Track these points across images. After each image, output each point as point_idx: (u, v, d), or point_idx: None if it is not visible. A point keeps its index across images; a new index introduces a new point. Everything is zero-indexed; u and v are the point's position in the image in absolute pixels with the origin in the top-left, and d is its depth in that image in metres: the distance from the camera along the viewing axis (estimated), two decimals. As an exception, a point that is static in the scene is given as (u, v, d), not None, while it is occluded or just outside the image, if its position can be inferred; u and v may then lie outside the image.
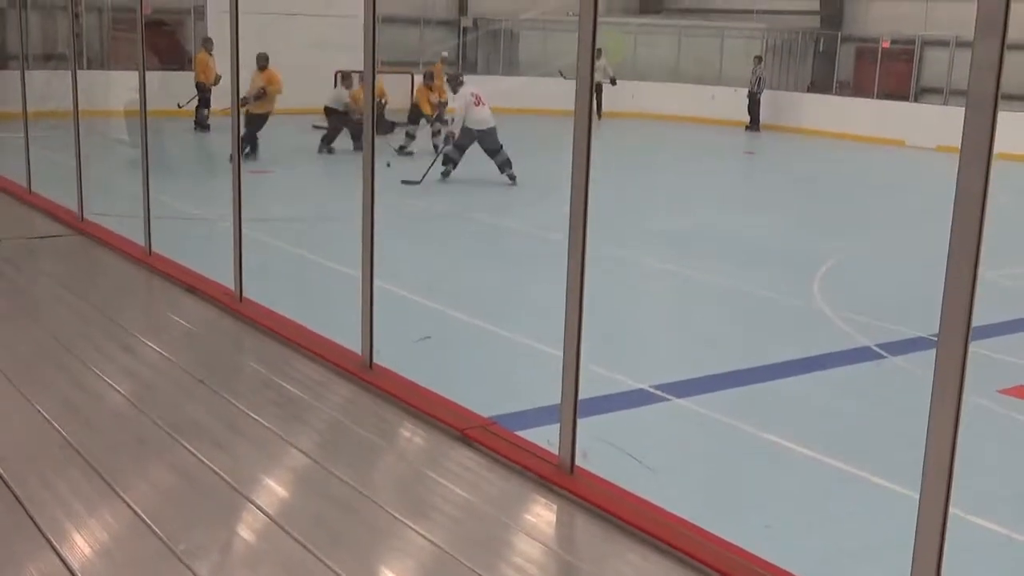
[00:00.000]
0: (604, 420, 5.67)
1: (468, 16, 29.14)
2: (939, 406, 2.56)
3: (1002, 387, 6.62)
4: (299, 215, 11.65)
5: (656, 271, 9.99)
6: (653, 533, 3.39)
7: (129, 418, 4.41)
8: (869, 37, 26.49)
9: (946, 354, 2.54)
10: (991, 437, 5.81)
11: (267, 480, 3.90)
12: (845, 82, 27.08)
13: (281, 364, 5.13)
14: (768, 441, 5.71)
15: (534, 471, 3.85)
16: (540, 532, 3.58)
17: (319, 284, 8.63)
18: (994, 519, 4.80)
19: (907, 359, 7.12)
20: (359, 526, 3.51)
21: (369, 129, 4.96)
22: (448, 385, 4.80)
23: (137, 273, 6.92)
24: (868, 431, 6.06)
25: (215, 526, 3.47)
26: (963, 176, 2.48)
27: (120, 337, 5.53)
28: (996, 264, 9.51)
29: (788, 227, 12.86)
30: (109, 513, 3.51)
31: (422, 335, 7.06)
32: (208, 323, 5.92)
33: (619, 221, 11.51)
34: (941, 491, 2.55)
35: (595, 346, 3.96)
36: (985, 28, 2.44)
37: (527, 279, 9.10)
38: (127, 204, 7.93)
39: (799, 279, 9.60)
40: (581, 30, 3.63)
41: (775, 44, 27.79)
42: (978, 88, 2.46)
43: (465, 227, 12.01)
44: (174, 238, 8.05)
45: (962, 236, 2.50)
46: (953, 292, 2.52)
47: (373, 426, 4.40)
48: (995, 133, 2.46)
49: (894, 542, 2.69)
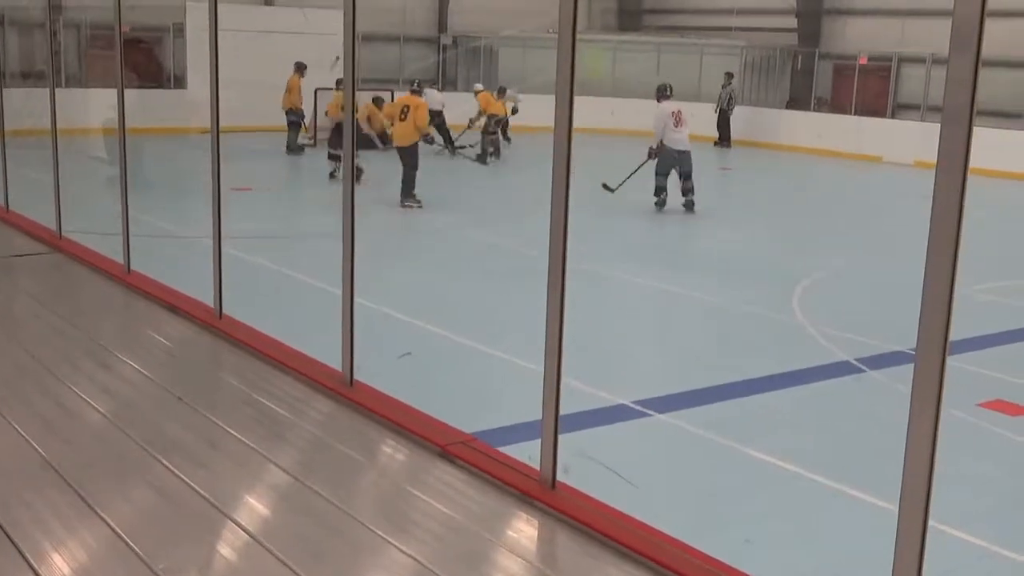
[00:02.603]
0: (585, 435, 5.67)
1: (448, 33, 29.21)
2: (917, 419, 2.57)
3: (981, 400, 6.67)
4: (279, 231, 11.63)
5: (637, 286, 10.00)
6: (635, 548, 3.39)
7: (108, 436, 4.38)
8: (847, 54, 26.69)
9: (924, 367, 2.56)
10: (970, 450, 5.84)
11: (247, 498, 3.88)
12: (823, 98, 27.27)
13: (261, 381, 5.11)
14: (749, 455, 5.73)
15: (516, 486, 3.85)
16: (522, 547, 3.58)
17: (299, 301, 8.61)
18: (973, 532, 4.83)
19: (886, 373, 7.15)
20: (340, 543, 3.49)
21: (350, 146, 4.95)
22: (429, 401, 4.79)
23: (116, 291, 6.89)
24: (848, 445, 6.08)
25: (195, 544, 3.45)
26: (939, 190, 2.51)
27: (98, 355, 5.50)
28: (975, 279, 9.65)
29: (767, 243, 12.92)
30: (88, 532, 3.49)
31: (403, 352, 7.05)
32: (187, 340, 5.90)
33: (599, 237, 11.53)
34: (920, 504, 2.56)
35: (576, 361, 3.96)
36: (959, 44, 2.47)
37: (508, 295, 9.10)
38: (105, 222, 7.90)
39: (779, 294, 9.64)
40: (560, 47, 3.65)
41: (753, 61, 27.96)
42: (953, 103, 2.49)
43: (449, 243, 12.01)
44: (153, 256, 8.02)
45: (939, 250, 2.52)
46: (930, 306, 2.54)
47: (354, 443, 4.39)
48: (971, 148, 2.48)
49: (874, 555, 2.70)
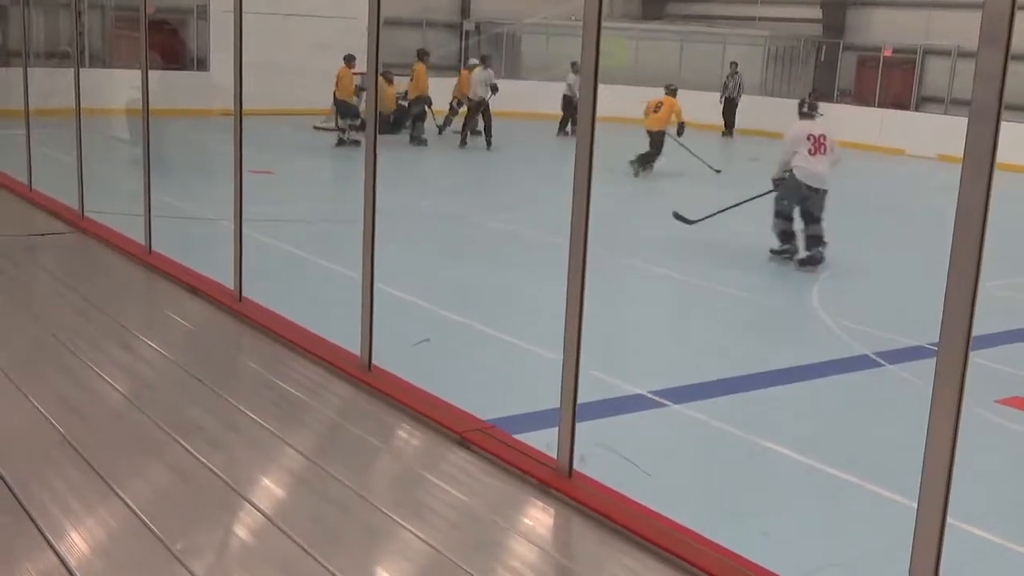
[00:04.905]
0: (603, 425, 5.67)
1: (471, 19, 29.15)
2: (938, 415, 2.56)
3: (999, 397, 6.63)
4: (300, 215, 11.65)
5: (658, 277, 9.98)
6: (650, 538, 3.39)
7: (127, 417, 4.41)
8: (871, 46, 26.51)
9: (946, 363, 2.54)
10: (987, 447, 5.81)
11: (265, 480, 3.90)
12: (846, 90, 27.10)
13: (280, 364, 5.13)
14: (766, 448, 5.71)
15: (532, 475, 3.85)
16: (537, 536, 3.59)
17: (319, 285, 8.63)
18: (990, 529, 4.80)
19: (905, 367, 7.12)
20: (356, 527, 3.51)
21: (373, 131, 4.94)
22: (447, 388, 4.80)
23: (137, 271, 6.92)
24: (866, 439, 6.05)
25: (212, 525, 3.48)
26: (965, 186, 2.49)
27: (119, 335, 5.53)
28: (995, 275, 9.59)
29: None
30: (106, 511, 3.51)
31: (421, 338, 7.06)
32: (207, 322, 5.93)
33: (622, 227, 11.50)
34: (939, 500, 2.55)
35: (594, 351, 3.96)
36: (989, 38, 2.45)
37: (529, 283, 9.09)
38: (127, 203, 7.93)
39: (799, 287, 9.61)
40: (585, 34, 3.64)
41: (777, 52, 27.80)
42: (981, 98, 2.47)
43: (468, 230, 12.00)
44: (174, 237, 8.05)
45: (963, 246, 2.50)
46: (953, 301, 2.52)
47: (371, 428, 4.40)
48: (997, 144, 2.46)
49: (892, 551, 2.69)
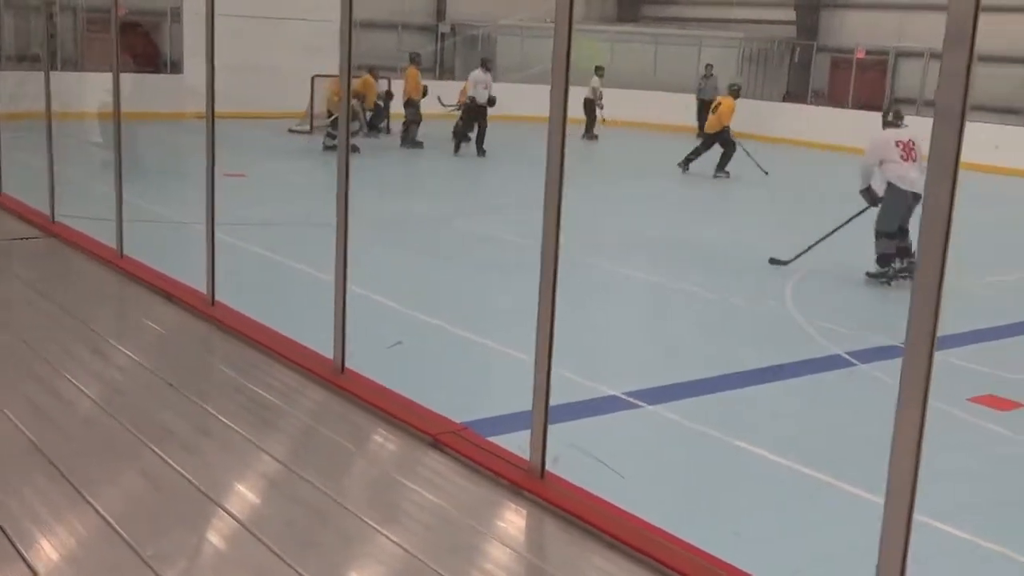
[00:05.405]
0: (575, 426, 5.67)
1: (446, 21, 29.15)
2: (904, 413, 2.58)
3: (972, 395, 6.68)
4: (274, 219, 11.60)
5: (624, 278, 10.00)
6: (623, 539, 3.40)
7: (98, 423, 4.37)
8: (844, 47, 26.68)
9: (912, 361, 2.56)
10: (959, 445, 5.85)
11: (237, 485, 3.88)
12: (820, 91, 27.26)
13: (253, 369, 5.11)
14: (739, 448, 5.74)
15: (505, 476, 3.85)
16: (511, 537, 3.59)
17: (293, 289, 8.60)
18: (961, 526, 4.84)
19: (877, 367, 7.16)
20: (330, 532, 3.50)
21: (344, 133, 4.92)
22: (420, 390, 4.79)
23: (108, 276, 6.87)
24: (838, 438, 6.08)
25: (184, 532, 3.46)
26: (931, 186, 2.51)
27: (90, 340, 5.49)
28: (971, 274, 9.65)
29: (762, 235, 12.91)
30: (77, 519, 3.48)
31: (395, 341, 7.05)
32: (180, 327, 5.89)
33: (594, 229, 11.52)
34: (905, 497, 2.57)
35: (565, 352, 3.96)
36: (954, 39, 2.47)
37: (506, 285, 9.10)
38: (99, 207, 7.87)
39: (772, 287, 9.65)
40: (557, 36, 3.65)
41: (751, 53, 27.93)
42: (946, 99, 2.49)
43: (442, 232, 11.99)
44: (146, 241, 7.99)
45: (929, 244, 2.52)
46: (920, 299, 2.54)
47: (345, 431, 4.39)
48: (962, 144, 2.48)
49: (862, 549, 2.71)
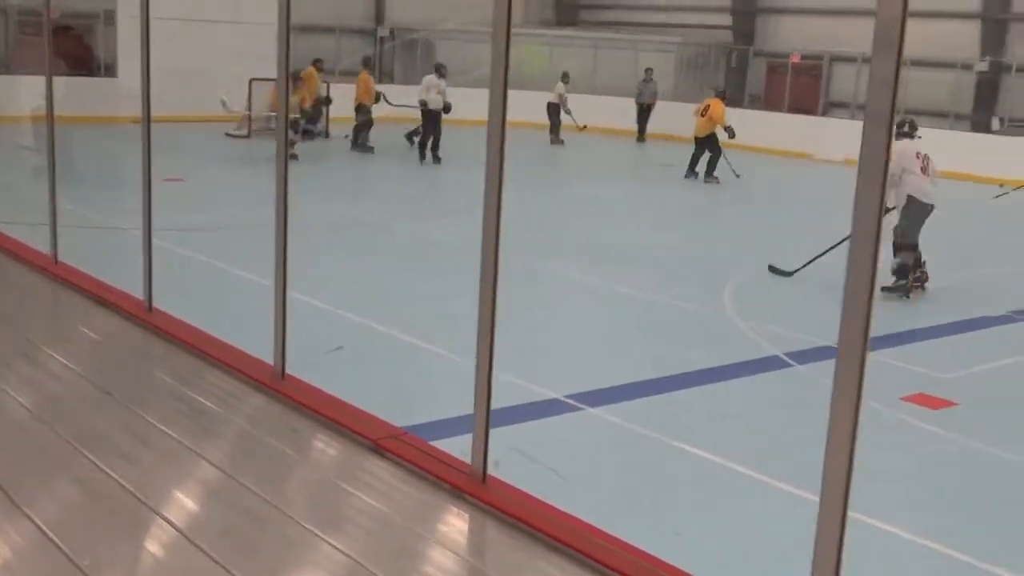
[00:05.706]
0: (517, 430, 5.69)
1: (385, 25, 29.06)
2: (838, 412, 2.63)
3: (904, 394, 6.82)
4: (212, 224, 11.49)
5: (570, 282, 10.05)
6: (565, 541, 3.41)
7: (33, 432, 4.30)
8: (780, 52, 27.08)
9: (845, 362, 2.61)
10: (891, 444, 5.97)
11: (176, 493, 3.84)
12: (756, 96, 27.63)
13: (191, 375, 5.05)
14: (679, 449, 5.80)
15: (447, 480, 3.86)
16: (452, 541, 3.59)
17: (232, 294, 8.52)
18: (896, 523, 4.94)
19: (814, 367, 7.28)
20: (271, 538, 3.48)
21: (283, 135, 4.89)
22: (361, 395, 4.78)
23: (42, 282, 6.76)
24: (776, 438, 6.18)
25: (121, 540, 3.41)
26: (860, 188, 2.56)
27: (24, 348, 5.39)
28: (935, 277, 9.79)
29: (699, 239, 13.07)
30: (12, 529, 3.42)
31: (335, 345, 7.02)
32: (116, 334, 5.81)
33: (534, 233, 11.55)
34: (839, 496, 2.62)
35: (509, 356, 3.98)
36: (882, 44, 2.52)
37: (444, 289, 9.09)
38: (32, 212, 7.74)
39: (710, 290, 9.76)
40: (495, 41, 3.66)
41: (688, 58, 28.22)
42: (875, 102, 2.54)
43: (385, 237, 11.95)
44: (82, 247, 7.87)
45: (860, 246, 2.57)
46: (851, 301, 2.59)
47: (285, 437, 4.36)
48: (891, 146, 2.55)
49: (801, 547, 2.76)
